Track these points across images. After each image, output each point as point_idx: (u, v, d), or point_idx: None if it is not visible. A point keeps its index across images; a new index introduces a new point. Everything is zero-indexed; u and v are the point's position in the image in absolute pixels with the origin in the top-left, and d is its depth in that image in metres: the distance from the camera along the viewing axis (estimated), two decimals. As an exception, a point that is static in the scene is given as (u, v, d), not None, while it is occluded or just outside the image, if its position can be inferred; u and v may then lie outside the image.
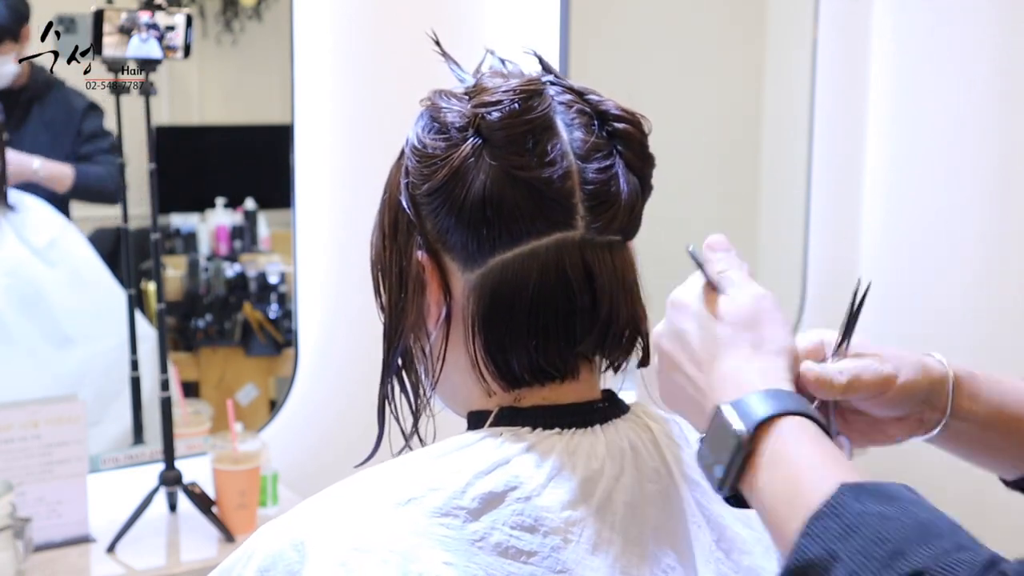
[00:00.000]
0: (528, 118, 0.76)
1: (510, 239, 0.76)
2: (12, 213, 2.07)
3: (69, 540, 1.73)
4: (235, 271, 2.41)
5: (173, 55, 1.66)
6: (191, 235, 2.43)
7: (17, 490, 1.63)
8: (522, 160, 0.75)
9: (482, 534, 0.72)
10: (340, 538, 0.71)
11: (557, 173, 0.76)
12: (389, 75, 2.08)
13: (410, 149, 0.80)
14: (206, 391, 2.33)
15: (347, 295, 2.11)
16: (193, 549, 1.73)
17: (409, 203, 0.80)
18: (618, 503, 0.77)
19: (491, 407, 0.79)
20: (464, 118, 0.77)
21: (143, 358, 2.04)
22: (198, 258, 2.41)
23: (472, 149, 0.76)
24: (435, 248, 0.79)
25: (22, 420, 1.69)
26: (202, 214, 2.46)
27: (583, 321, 0.78)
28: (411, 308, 0.80)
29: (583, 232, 0.76)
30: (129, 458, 1.95)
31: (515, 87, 0.77)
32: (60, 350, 2.08)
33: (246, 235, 2.47)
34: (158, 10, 1.64)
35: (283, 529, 0.74)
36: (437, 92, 0.81)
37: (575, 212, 0.76)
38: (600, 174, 0.77)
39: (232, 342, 2.37)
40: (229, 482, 1.78)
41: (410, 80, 1.89)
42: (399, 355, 0.83)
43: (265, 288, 2.39)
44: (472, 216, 0.76)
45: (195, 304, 2.37)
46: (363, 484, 0.76)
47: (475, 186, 0.76)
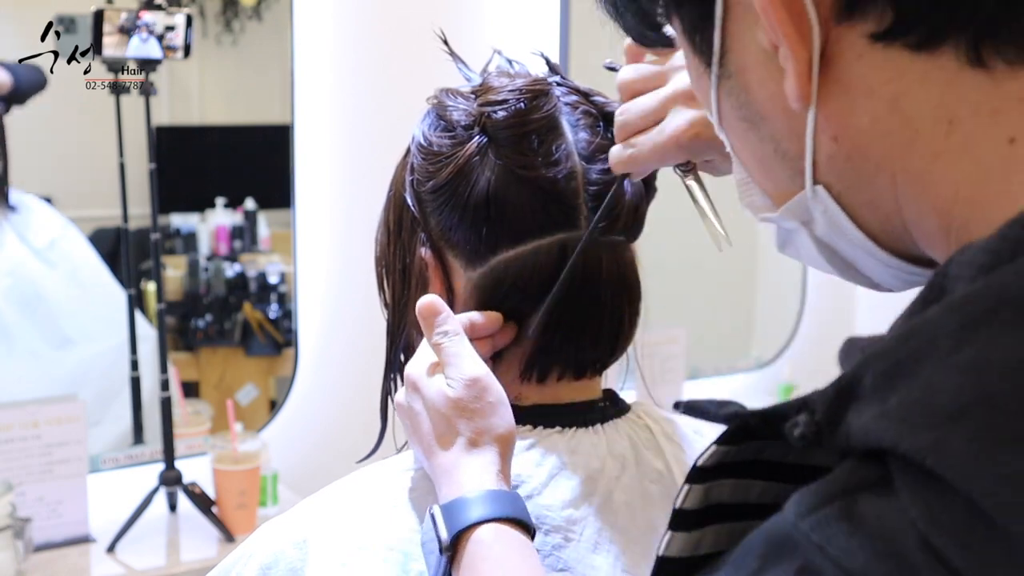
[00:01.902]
0: (533, 118, 0.76)
1: (513, 238, 0.76)
2: (12, 213, 2.07)
3: (69, 540, 1.73)
4: (235, 271, 2.41)
5: (173, 55, 1.66)
6: (191, 235, 2.43)
7: (17, 490, 1.63)
8: (527, 159, 0.75)
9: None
10: (341, 537, 0.71)
11: (562, 173, 0.76)
12: (389, 75, 2.08)
13: (416, 146, 0.80)
14: (206, 391, 2.33)
15: (347, 295, 2.11)
16: (193, 549, 1.73)
17: (414, 200, 0.80)
18: (619, 502, 0.77)
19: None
20: (470, 117, 0.77)
21: (143, 358, 2.04)
22: (198, 258, 2.41)
23: (477, 147, 0.76)
24: (439, 245, 0.79)
25: (22, 420, 1.69)
26: (202, 214, 2.46)
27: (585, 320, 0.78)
28: (414, 304, 0.80)
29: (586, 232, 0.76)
30: (129, 458, 1.95)
31: (521, 87, 0.77)
32: (60, 350, 2.08)
33: (246, 235, 2.47)
34: (158, 10, 1.64)
35: (285, 528, 0.74)
36: (444, 90, 0.81)
37: (578, 213, 0.76)
38: (604, 175, 0.77)
39: (232, 342, 2.37)
40: (229, 482, 1.78)
41: (410, 80, 1.89)
42: (402, 351, 0.83)
43: (265, 288, 2.39)
44: (476, 214, 0.76)
45: (195, 304, 2.36)
46: (364, 482, 0.76)
47: (480, 184, 0.76)
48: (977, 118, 0.42)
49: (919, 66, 0.43)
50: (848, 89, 0.45)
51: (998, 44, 0.41)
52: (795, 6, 0.44)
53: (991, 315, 0.36)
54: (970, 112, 0.42)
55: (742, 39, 0.47)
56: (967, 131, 0.42)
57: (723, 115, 0.51)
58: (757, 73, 0.48)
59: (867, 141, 0.45)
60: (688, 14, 0.50)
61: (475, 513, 0.66)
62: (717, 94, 0.51)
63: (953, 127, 0.42)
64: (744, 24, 0.47)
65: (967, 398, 0.35)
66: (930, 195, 0.44)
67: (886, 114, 0.44)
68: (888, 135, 0.44)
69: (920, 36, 0.42)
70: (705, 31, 0.49)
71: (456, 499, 0.67)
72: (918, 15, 0.42)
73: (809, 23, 0.44)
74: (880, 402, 0.38)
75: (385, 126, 2.03)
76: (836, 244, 0.50)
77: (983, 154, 0.42)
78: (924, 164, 0.44)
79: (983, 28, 0.41)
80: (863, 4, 0.43)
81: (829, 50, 0.44)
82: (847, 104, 0.45)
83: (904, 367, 0.38)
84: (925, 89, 0.43)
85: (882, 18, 0.42)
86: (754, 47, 0.47)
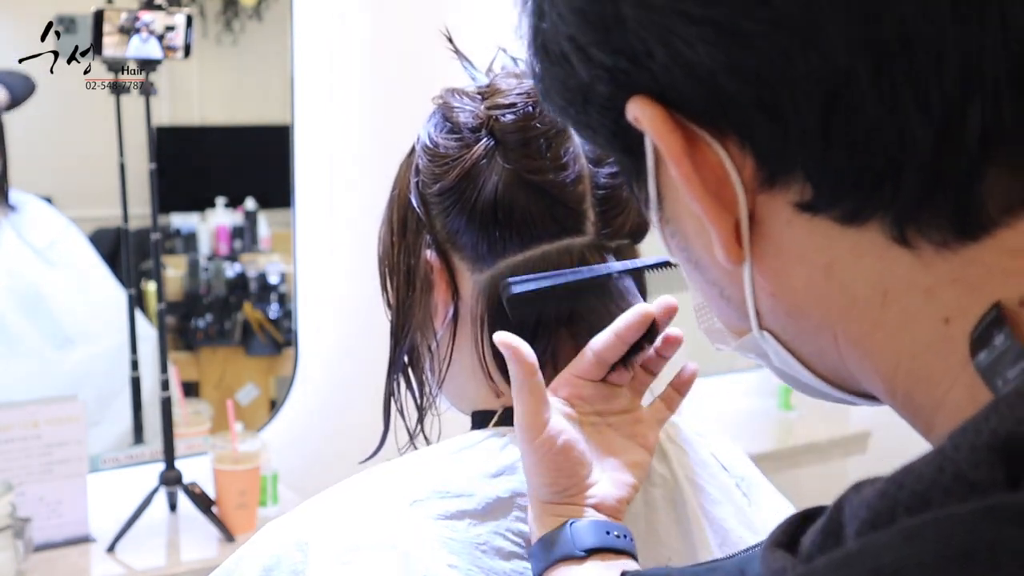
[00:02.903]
0: (542, 122, 0.76)
1: (520, 242, 0.76)
2: (13, 213, 2.07)
3: (69, 540, 1.73)
4: (235, 271, 2.41)
5: (173, 55, 1.66)
6: (191, 235, 2.43)
7: (17, 490, 1.63)
8: (535, 163, 0.75)
9: (486, 538, 0.71)
10: (344, 539, 0.71)
11: (570, 177, 0.75)
12: (389, 75, 2.08)
13: (421, 147, 0.80)
14: (206, 391, 2.33)
15: (347, 295, 2.11)
16: (193, 549, 1.73)
17: (419, 202, 0.79)
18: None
19: (497, 407, 0.79)
20: (477, 119, 0.77)
21: (143, 358, 2.04)
22: (198, 258, 2.41)
23: (485, 150, 0.76)
24: (444, 248, 0.79)
25: (22, 420, 1.69)
26: (202, 214, 2.46)
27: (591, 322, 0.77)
28: (418, 307, 0.80)
29: (592, 237, 0.76)
30: (129, 458, 1.95)
31: (529, 90, 0.77)
32: (60, 350, 2.08)
33: (246, 235, 2.47)
34: (158, 10, 1.64)
35: (287, 529, 0.73)
36: (450, 91, 0.81)
37: (585, 217, 0.76)
38: (612, 179, 0.77)
39: (232, 342, 2.37)
40: (229, 482, 1.78)
41: (410, 80, 1.89)
42: (405, 353, 0.83)
43: (265, 288, 2.39)
44: (483, 218, 0.75)
45: (195, 304, 2.36)
46: (367, 484, 0.76)
47: (487, 188, 0.75)
48: (911, 295, 0.40)
49: (849, 237, 0.41)
50: (780, 252, 0.43)
51: (921, 227, 0.39)
52: (716, 175, 0.42)
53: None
54: (904, 288, 0.41)
55: (675, 193, 0.46)
56: (902, 306, 0.41)
57: (671, 251, 0.51)
58: (692, 226, 0.47)
59: (804, 302, 0.44)
60: (621, 162, 0.49)
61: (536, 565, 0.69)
62: (662, 233, 0.50)
63: (888, 300, 0.41)
64: (673, 183, 0.45)
65: None
66: (873, 361, 0.43)
67: (821, 280, 0.43)
68: (825, 299, 0.43)
69: (844, 212, 0.41)
70: (639, 180, 0.48)
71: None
72: (837, 193, 0.40)
73: (734, 190, 0.42)
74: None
75: (386, 126, 2.03)
76: (792, 373, 0.49)
77: (920, 331, 0.41)
78: (864, 331, 0.43)
79: (904, 211, 0.39)
80: (782, 176, 0.41)
81: (759, 212, 0.43)
82: (780, 266, 0.44)
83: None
84: (857, 260, 0.41)
85: (803, 191, 0.41)
86: (684, 204, 0.45)
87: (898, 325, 0.41)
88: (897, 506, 0.35)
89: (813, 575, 0.37)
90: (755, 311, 0.46)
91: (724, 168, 0.42)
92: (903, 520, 0.35)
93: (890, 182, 0.39)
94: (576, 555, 0.67)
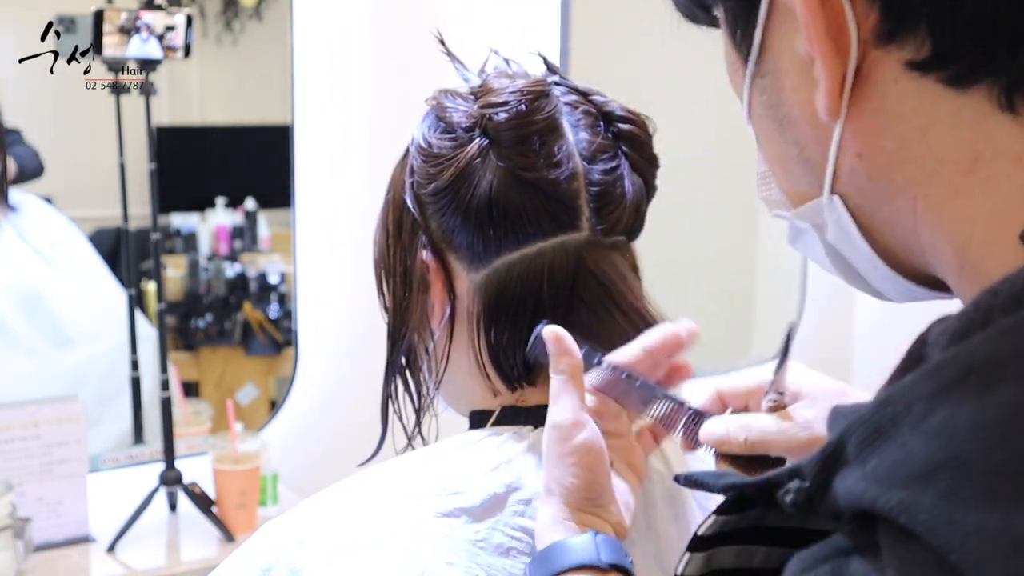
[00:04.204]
0: (535, 119, 0.76)
1: (516, 240, 0.76)
2: (13, 213, 2.07)
3: (69, 540, 1.73)
4: (235, 271, 2.41)
5: (173, 55, 1.66)
6: (191, 235, 2.43)
7: (17, 490, 1.63)
8: (529, 161, 0.75)
9: (484, 535, 0.71)
10: (342, 538, 0.71)
11: (564, 174, 0.76)
12: (389, 75, 2.08)
13: (415, 148, 0.80)
14: (206, 391, 2.33)
15: (347, 295, 2.11)
16: (193, 549, 1.73)
17: (414, 202, 0.79)
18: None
19: (495, 407, 0.80)
20: (471, 118, 0.77)
21: (143, 358, 2.04)
22: (198, 258, 2.41)
23: (479, 150, 0.76)
24: (440, 248, 0.79)
25: (22, 420, 1.69)
26: (202, 214, 2.46)
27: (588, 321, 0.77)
28: (415, 307, 0.80)
29: (588, 234, 0.77)
30: (129, 458, 1.95)
31: (522, 88, 0.77)
32: (60, 350, 2.08)
33: (246, 235, 2.47)
34: (158, 10, 1.64)
35: (286, 529, 0.73)
36: (443, 92, 0.81)
37: (580, 214, 0.76)
38: (606, 175, 0.77)
39: (232, 342, 2.37)
40: (229, 482, 1.78)
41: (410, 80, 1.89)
42: (403, 354, 0.83)
43: (265, 288, 2.40)
44: (478, 217, 0.76)
45: (195, 304, 2.37)
46: (365, 484, 0.76)
47: (482, 187, 0.76)
48: (1001, 161, 0.42)
49: (951, 101, 0.43)
50: (879, 111, 0.45)
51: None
52: (837, 23, 0.44)
53: (960, 382, 0.37)
54: (995, 154, 0.42)
55: (781, 43, 0.48)
56: (989, 172, 0.42)
57: (753, 110, 0.52)
58: (791, 78, 0.48)
59: (891, 163, 0.45)
60: (732, 9, 0.50)
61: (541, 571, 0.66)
62: (750, 90, 0.51)
63: (977, 166, 0.43)
64: (785, 29, 0.47)
65: (937, 459, 0.36)
66: (947, 228, 0.44)
67: (914, 141, 0.44)
68: (913, 161, 0.45)
69: (955, 73, 0.42)
70: (746, 28, 0.49)
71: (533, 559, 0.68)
72: (955, 52, 0.42)
73: (849, 41, 0.44)
74: (861, 465, 0.39)
75: (385, 126, 2.03)
76: (844, 251, 0.51)
77: (1002, 198, 0.42)
78: (944, 197, 0.44)
79: (1018, 75, 0.41)
80: (903, 31, 0.43)
81: (865, 69, 0.44)
82: (876, 125, 0.45)
83: (882, 432, 0.39)
84: (954, 124, 0.43)
85: (920, 48, 0.42)
86: (791, 53, 0.47)
87: (982, 190, 0.43)
88: (992, 310, 0.38)
89: (902, 393, 0.38)
90: (833, 173, 0.48)
91: (844, 17, 0.44)
92: (999, 320, 0.37)
93: (1011, 45, 0.40)
94: (600, 565, 0.65)
